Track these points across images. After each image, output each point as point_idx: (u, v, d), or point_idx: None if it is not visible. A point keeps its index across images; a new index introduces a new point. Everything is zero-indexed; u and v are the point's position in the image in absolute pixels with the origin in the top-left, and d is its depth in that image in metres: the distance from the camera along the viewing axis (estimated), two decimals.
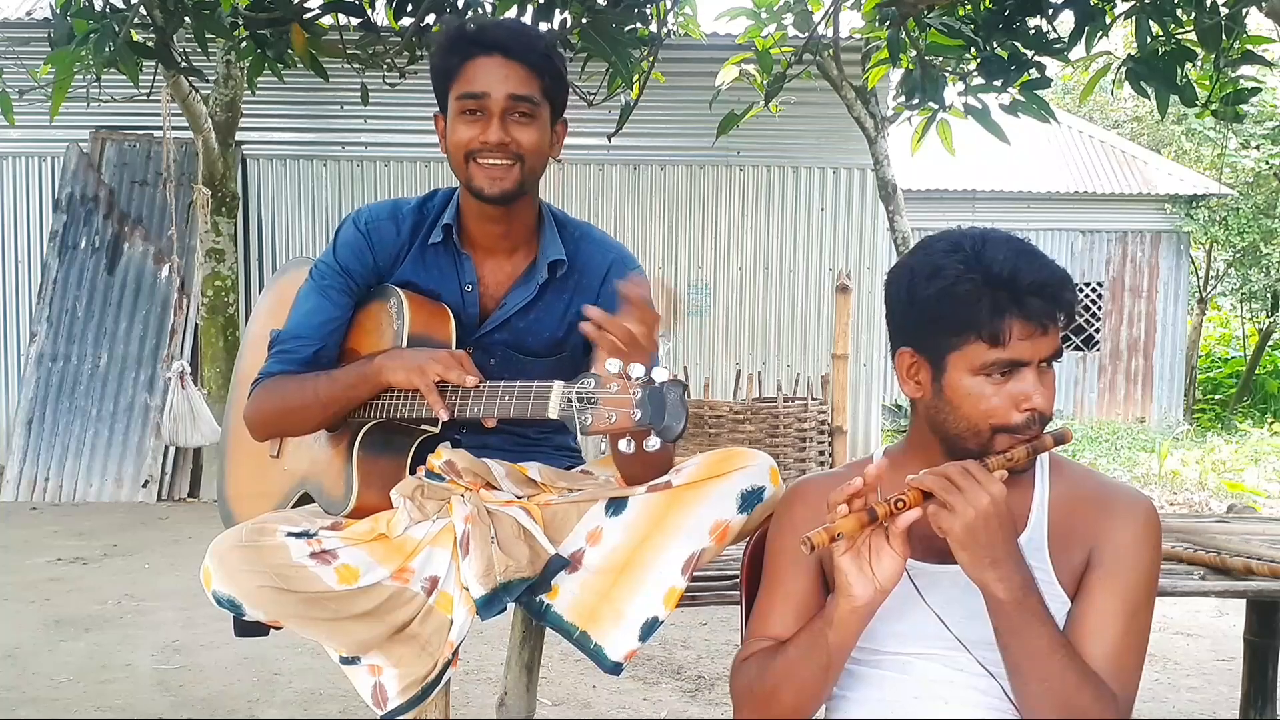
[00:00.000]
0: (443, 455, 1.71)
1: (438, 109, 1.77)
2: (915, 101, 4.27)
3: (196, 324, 7.23)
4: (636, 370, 1.34)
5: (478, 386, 1.54)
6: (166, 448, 6.90)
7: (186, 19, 3.39)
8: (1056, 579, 1.31)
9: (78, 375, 7.20)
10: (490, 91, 1.67)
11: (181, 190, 7.28)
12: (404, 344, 1.69)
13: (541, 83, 1.71)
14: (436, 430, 1.72)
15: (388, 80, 4.30)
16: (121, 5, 3.38)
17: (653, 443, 1.33)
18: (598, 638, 1.61)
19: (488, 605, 1.58)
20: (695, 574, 1.63)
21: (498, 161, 1.69)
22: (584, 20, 3.49)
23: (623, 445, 1.34)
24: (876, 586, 1.23)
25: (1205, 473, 8.71)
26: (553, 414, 1.39)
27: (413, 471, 1.74)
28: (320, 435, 1.79)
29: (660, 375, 1.33)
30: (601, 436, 1.35)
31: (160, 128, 7.08)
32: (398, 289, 1.76)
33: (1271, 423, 12.15)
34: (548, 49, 1.72)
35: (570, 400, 1.37)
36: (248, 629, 1.70)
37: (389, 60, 4.00)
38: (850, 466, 1.54)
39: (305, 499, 1.83)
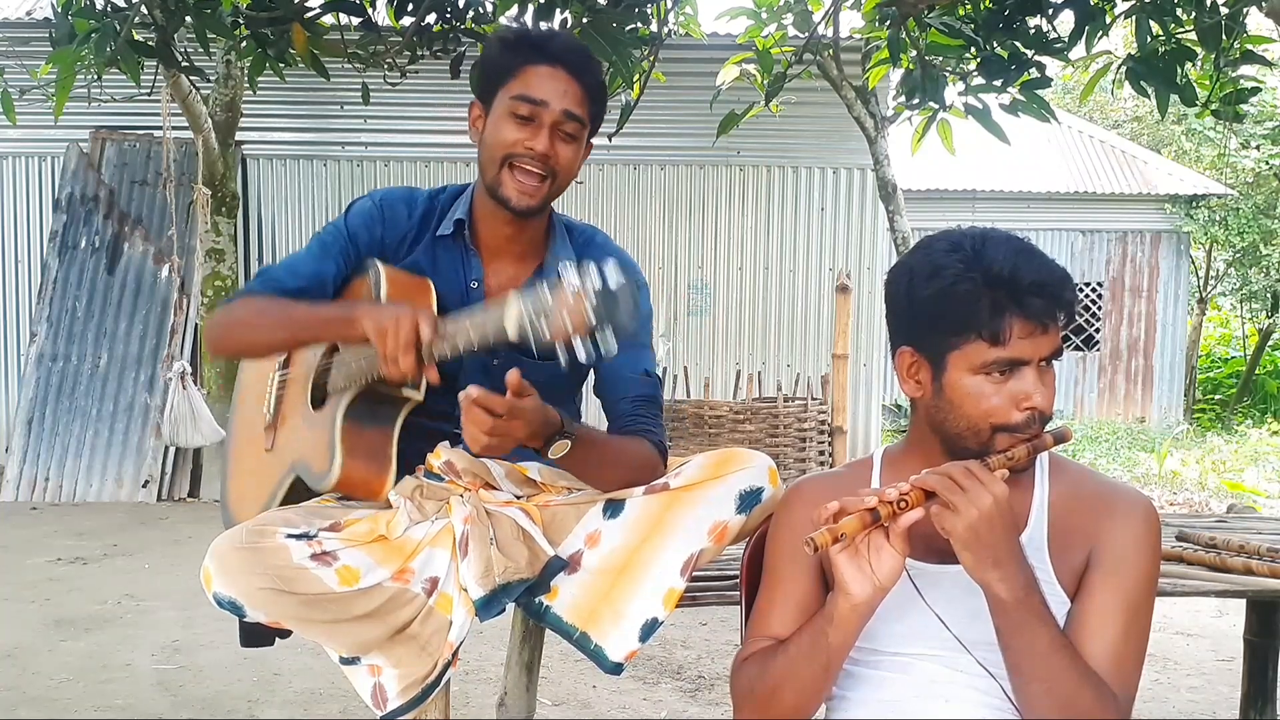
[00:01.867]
0: (442, 455, 1.71)
1: (474, 98, 1.79)
2: (915, 101, 4.27)
3: (196, 324, 7.23)
4: (591, 274, 1.33)
5: (437, 330, 1.49)
6: (166, 448, 6.90)
7: (187, 18, 3.39)
8: (1056, 579, 1.31)
9: (78, 375, 7.20)
10: (549, 101, 1.70)
11: (181, 190, 7.28)
12: None
13: (591, 107, 1.76)
14: (420, 398, 1.70)
15: (388, 80, 4.30)
16: (123, 4, 3.38)
17: (610, 345, 1.32)
18: (598, 638, 1.61)
19: (486, 606, 1.58)
20: (695, 574, 1.63)
21: (533, 171, 1.71)
22: (584, 20, 3.49)
23: (579, 349, 1.32)
24: (876, 584, 1.23)
25: (1205, 473, 8.72)
26: (512, 334, 1.38)
27: (411, 471, 1.74)
28: (308, 417, 1.77)
29: (613, 277, 1.33)
30: (562, 345, 1.34)
31: (160, 127, 7.08)
32: (376, 262, 1.75)
33: (1271, 423, 12.16)
34: (602, 76, 1.78)
35: (527, 315, 1.36)
36: (254, 639, 1.69)
37: (390, 60, 4.00)
38: (850, 466, 1.54)
39: (300, 490, 1.81)
